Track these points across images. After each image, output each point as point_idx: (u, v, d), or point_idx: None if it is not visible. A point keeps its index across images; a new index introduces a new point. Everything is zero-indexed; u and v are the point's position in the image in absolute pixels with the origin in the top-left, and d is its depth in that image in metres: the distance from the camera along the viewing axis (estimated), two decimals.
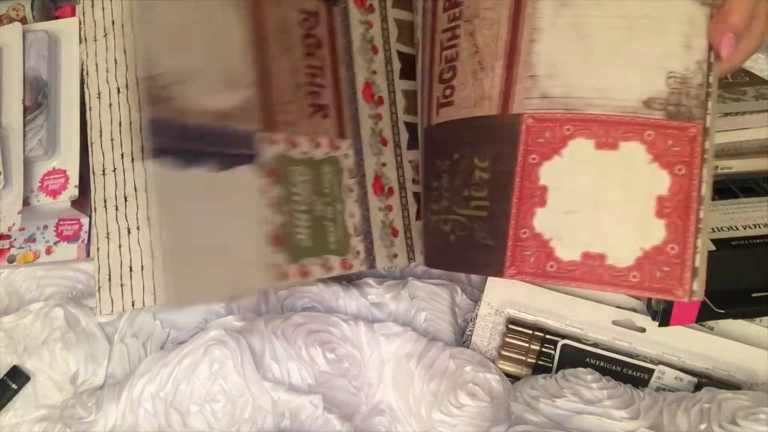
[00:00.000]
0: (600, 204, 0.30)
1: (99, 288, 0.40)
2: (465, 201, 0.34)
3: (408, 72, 0.43)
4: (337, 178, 0.38)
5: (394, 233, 0.41)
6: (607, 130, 0.30)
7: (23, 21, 0.51)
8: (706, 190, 0.29)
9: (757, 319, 0.39)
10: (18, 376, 0.42)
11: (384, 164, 0.41)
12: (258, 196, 0.34)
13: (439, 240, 0.36)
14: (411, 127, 0.43)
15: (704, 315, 0.36)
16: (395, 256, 0.41)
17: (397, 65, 0.42)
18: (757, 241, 0.35)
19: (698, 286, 0.29)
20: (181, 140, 0.31)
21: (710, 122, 0.29)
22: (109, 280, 0.40)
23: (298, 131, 0.36)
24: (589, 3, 0.31)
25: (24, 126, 0.46)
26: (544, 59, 0.32)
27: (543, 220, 0.31)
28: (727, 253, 0.35)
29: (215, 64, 0.33)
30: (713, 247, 0.35)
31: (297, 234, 0.35)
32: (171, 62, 0.31)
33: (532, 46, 0.32)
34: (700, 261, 0.29)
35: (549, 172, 0.31)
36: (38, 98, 0.47)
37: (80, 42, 0.44)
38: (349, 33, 0.40)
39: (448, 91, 0.36)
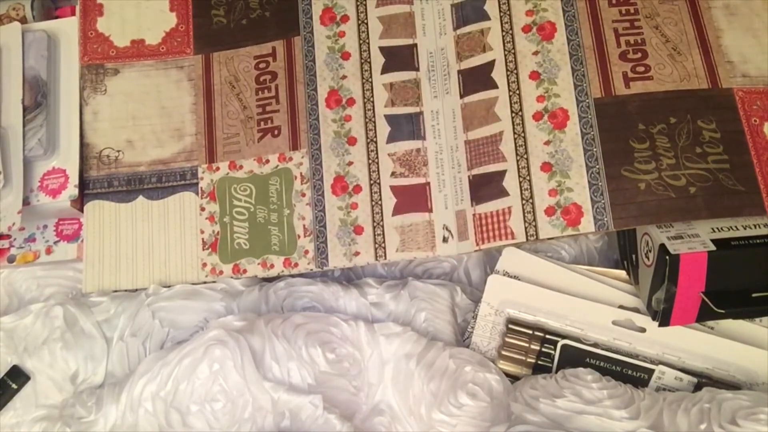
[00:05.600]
0: None
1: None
2: (700, 157, 0.38)
3: (398, 64, 0.45)
4: (287, 186, 0.45)
5: (358, 231, 0.43)
6: None
7: (23, 21, 0.51)
8: None
9: (757, 319, 0.39)
10: (18, 376, 0.42)
11: (350, 163, 0.44)
12: (197, 213, 0.46)
13: (663, 194, 0.38)
14: (394, 119, 0.44)
15: (704, 315, 0.36)
16: (356, 254, 0.43)
17: (378, 61, 0.45)
18: (757, 241, 0.35)
19: None
20: (118, 186, 0.47)
21: None
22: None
23: (243, 156, 0.46)
24: (748, 11, 0.41)
25: (23, 126, 0.46)
26: (733, 50, 0.41)
27: None
28: (727, 253, 0.35)
29: (163, 124, 0.47)
30: (713, 247, 0.35)
31: (235, 239, 0.45)
32: (117, 137, 0.47)
33: (719, 41, 0.41)
34: None
35: None
36: (38, 98, 0.47)
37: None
38: (313, 52, 0.46)
39: (640, 68, 0.40)
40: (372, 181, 0.43)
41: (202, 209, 0.46)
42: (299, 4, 0.47)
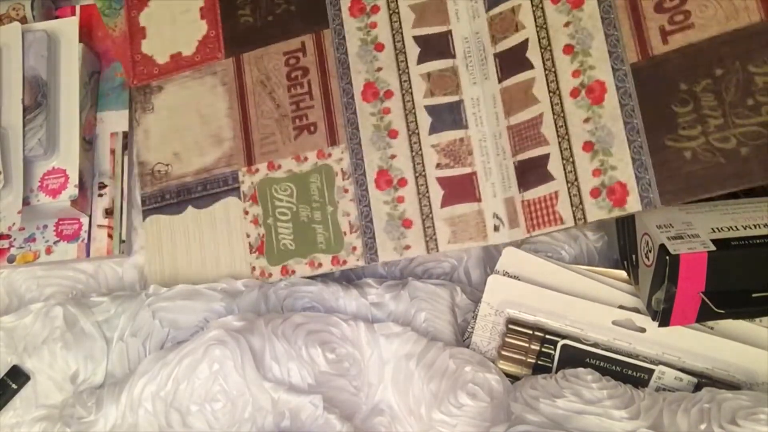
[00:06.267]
0: None
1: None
2: (751, 110, 0.34)
3: (434, 53, 0.44)
4: (328, 183, 0.44)
5: (406, 224, 0.42)
6: None
7: (23, 21, 0.51)
8: None
9: (757, 319, 0.39)
10: (18, 376, 0.42)
11: (393, 156, 0.43)
12: (242, 217, 0.46)
13: (712, 161, 0.35)
14: (435, 110, 0.43)
15: (704, 315, 0.36)
16: (407, 247, 0.42)
17: (413, 52, 0.44)
18: (757, 241, 0.35)
19: None
20: (169, 199, 0.48)
21: None
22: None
23: (280, 155, 0.46)
24: None
25: (24, 126, 0.46)
26: None
27: None
28: (727, 253, 0.35)
29: (203, 132, 0.47)
30: (713, 247, 0.35)
31: (280, 240, 0.45)
32: (165, 152, 0.48)
33: None
34: None
35: None
36: (38, 98, 0.47)
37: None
38: (344, 45, 0.45)
39: (678, 17, 0.37)
40: (417, 174, 0.43)
41: (246, 213, 0.46)
42: None
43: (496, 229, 0.42)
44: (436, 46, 0.44)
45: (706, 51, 0.36)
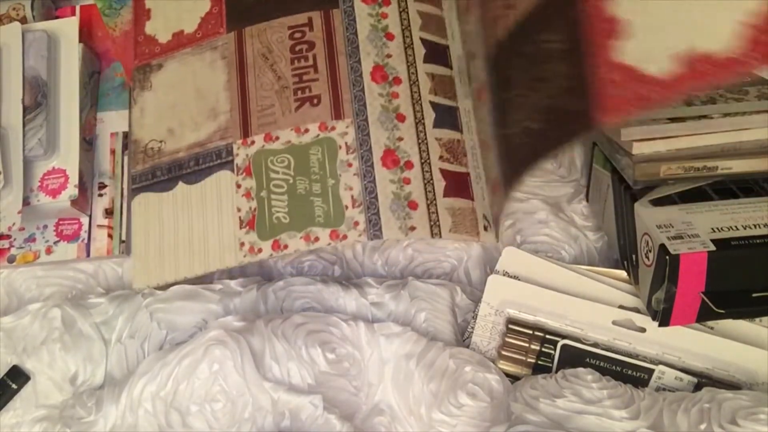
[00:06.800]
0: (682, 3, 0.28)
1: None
2: (540, 83, 0.33)
3: (437, 58, 0.45)
4: (330, 156, 0.43)
5: (412, 206, 0.42)
6: None
7: (23, 21, 0.51)
8: None
9: (757, 319, 0.39)
10: (18, 376, 0.42)
11: (400, 138, 0.43)
12: (234, 191, 0.43)
13: (523, 139, 0.34)
14: (438, 108, 0.44)
15: (704, 315, 0.36)
16: (412, 228, 0.41)
17: (420, 51, 0.45)
18: (757, 241, 0.35)
19: None
20: (160, 176, 0.45)
21: None
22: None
23: (278, 126, 0.44)
24: None
25: (23, 126, 0.46)
26: None
27: (623, 50, 0.30)
28: (727, 253, 0.35)
29: (200, 107, 0.46)
30: (713, 247, 0.35)
31: (274, 213, 0.42)
32: (160, 129, 0.46)
33: None
34: None
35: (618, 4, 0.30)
36: (38, 98, 0.47)
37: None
38: (354, 26, 0.45)
39: (506, 18, 0.36)
40: (423, 161, 0.43)
41: (239, 186, 0.43)
42: None
43: (485, 228, 0.43)
44: (439, 54, 0.45)
45: (519, 33, 0.35)
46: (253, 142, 0.44)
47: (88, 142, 0.49)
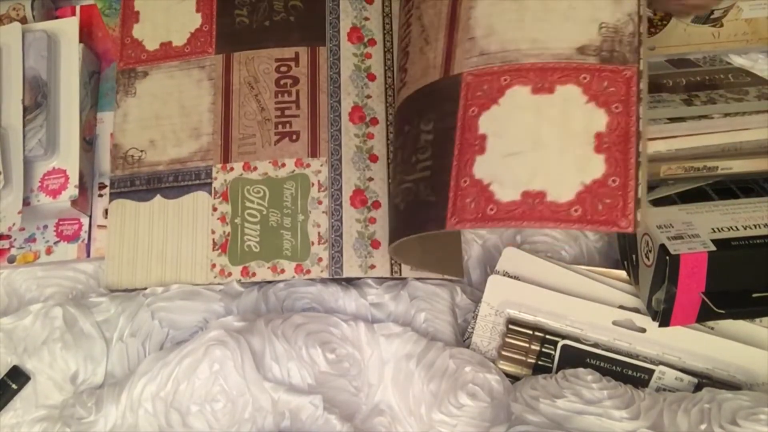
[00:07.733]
0: (538, 144, 0.31)
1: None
2: (413, 167, 0.36)
3: None
4: (303, 192, 0.45)
5: (375, 245, 0.43)
6: (543, 76, 0.31)
7: (23, 21, 0.51)
8: (643, 125, 0.30)
9: (757, 319, 0.39)
10: (18, 376, 0.42)
11: (371, 179, 0.45)
12: (210, 213, 0.45)
13: (393, 215, 0.37)
14: None
15: (704, 315, 0.36)
16: (372, 267, 0.43)
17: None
18: (757, 241, 0.35)
19: (641, 216, 0.29)
20: (139, 186, 0.47)
21: (643, 66, 0.30)
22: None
23: (257, 157, 0.46)
24: None
25: (24, 126, 0.46)
26: (482, 22, 0.34)
27: (482, 167, 0.32)
28: (727, 253, 0.35)
29: (183, 123, 0.47)
30: (713, 247, 0.35)
31: (245, 241, 0.44)
32: (142, 138, 0.47)
33: (470, 13, 0.34)
34: (642, 193, 0.29)
35: (488, 121, 0.32)
36: (38, 98, 0.47)
37: None
38: (338, 65, 0.46)
39: (402, 75, 0.39)
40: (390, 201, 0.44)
41: (215, 209, 0.45)
42: (327, 17, 0.47)
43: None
44: None
45: (405, 108, 0.38)
46: (232, 169, 0.46)
47: (88, 143, 0.49)
